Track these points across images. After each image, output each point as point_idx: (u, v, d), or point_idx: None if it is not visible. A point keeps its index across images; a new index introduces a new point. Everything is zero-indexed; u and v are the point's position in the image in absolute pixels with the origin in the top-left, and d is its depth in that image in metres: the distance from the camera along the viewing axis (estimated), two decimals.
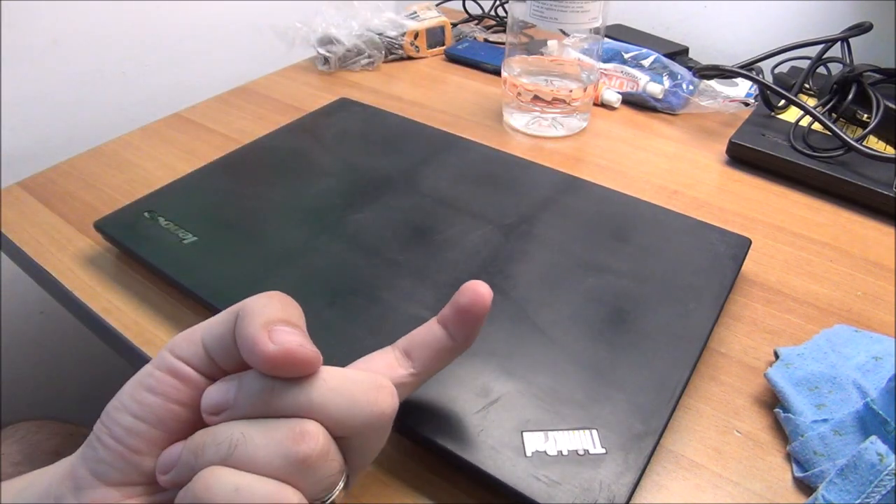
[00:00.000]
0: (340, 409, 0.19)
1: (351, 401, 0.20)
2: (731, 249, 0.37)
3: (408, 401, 0.28)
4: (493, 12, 0.77)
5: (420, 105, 0.59)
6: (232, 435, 0.19)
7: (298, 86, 0.63)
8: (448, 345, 0.23)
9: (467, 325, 0.23)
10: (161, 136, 0.54)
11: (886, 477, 0.24)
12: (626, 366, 0.30)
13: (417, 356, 0.23)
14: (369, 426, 0.20)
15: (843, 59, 0.55)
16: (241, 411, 0.19)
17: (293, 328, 0.19)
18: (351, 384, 0.20)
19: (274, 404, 0.19)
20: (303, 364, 0.19)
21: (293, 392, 0.19)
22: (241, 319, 0.19)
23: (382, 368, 0.23)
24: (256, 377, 0.19)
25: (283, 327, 0.19)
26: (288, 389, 0.19)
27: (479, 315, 0.22)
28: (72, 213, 0.45)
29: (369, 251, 0.37)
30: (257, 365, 0.19)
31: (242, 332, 0.19)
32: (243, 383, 0.20)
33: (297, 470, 0.18)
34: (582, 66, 0.53)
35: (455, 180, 0.43)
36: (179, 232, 0.38)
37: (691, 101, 0.57)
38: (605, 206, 0.41)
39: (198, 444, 0.19)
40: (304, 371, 0.19)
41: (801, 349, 0.32)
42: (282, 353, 0.18)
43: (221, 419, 0.20)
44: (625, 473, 0.25)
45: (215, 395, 0.20)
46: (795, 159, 0.47)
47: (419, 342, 0.23)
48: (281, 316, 0.20)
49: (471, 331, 0.23)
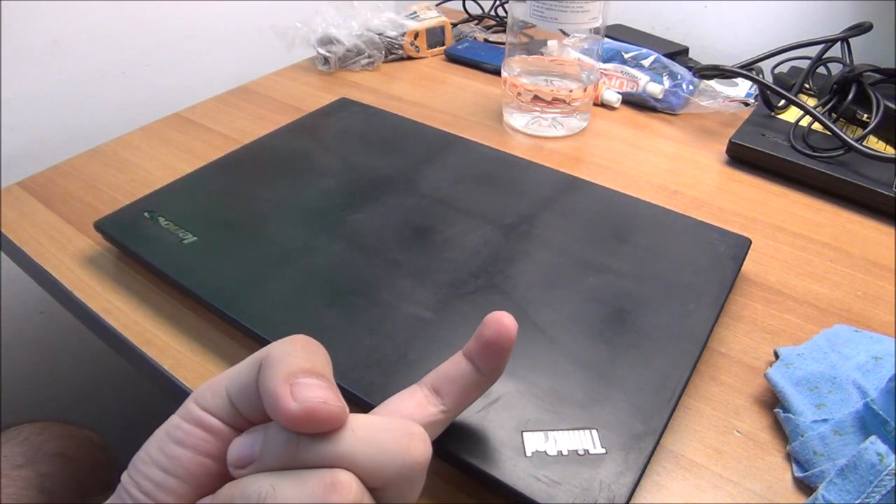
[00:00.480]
0: (371, 460, 0.19)
1: (382, 451, 0.19)
2: (731, 249, 0.37)
3: None
4: (493, 12, 0.77)
5: (420, 105, 0.59)
6: (261, 487, 0.18)
7: (298, 86, 0.63)
8: (476, 379, 0.23)
9: (493, 357, 0.22)
10: (161, 136, 0.54)
11: (886, 477, 0.24)
12: (626, 366, 0.30)
13: (446, 392, 0.23)
14: (402, 476, 0.19)
15: (843, 59, 0.55)
16: (268, 464, 0.19)
17: (318, 380, 0.19)
18: (381, 433, 0.19)
19: (301, 457, 0.18)
20: (326, 421, 0.18)
21: (320, 444, 0.18)
22: (264, 371, 0.19)
23: (413, 408, 0.22)
24: (282, 428, 0.19)
25: (307, 380, 0.18)
26: (315, 441, 0.19)
27: (505, 347, 0.22)
28: (72, 213, 0.45)
29: (369, 251, 0.37)
30: (280, 422, 0.18)
31: (264, 385, 0.19)
32: (269, 435, 0.19)
33: None
34: (582, 66, 0.53)
35: (455, 180, 0.43)
36: (179, 232, 0.38)
37: (691, 101, 0.57)
38: (605, 206, 0.41)
39: (226, 498, 0.19)
40: (329, 427, 0.19)
41: (801, 349, 0.32)
42: (304, 412, 0.18)
43: (248, 472, 0.19)
44: (625, 473, 0.25)
45: (241, 447, 0.19)
46: (795, 159, 0.47)
47: (447, 378, 0.23)
48: (304, 366, 0.19)
49: (497, 363, 0.23)
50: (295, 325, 0.32)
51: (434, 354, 0.30)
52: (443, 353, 0.30)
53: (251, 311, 0.33)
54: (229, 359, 0.33)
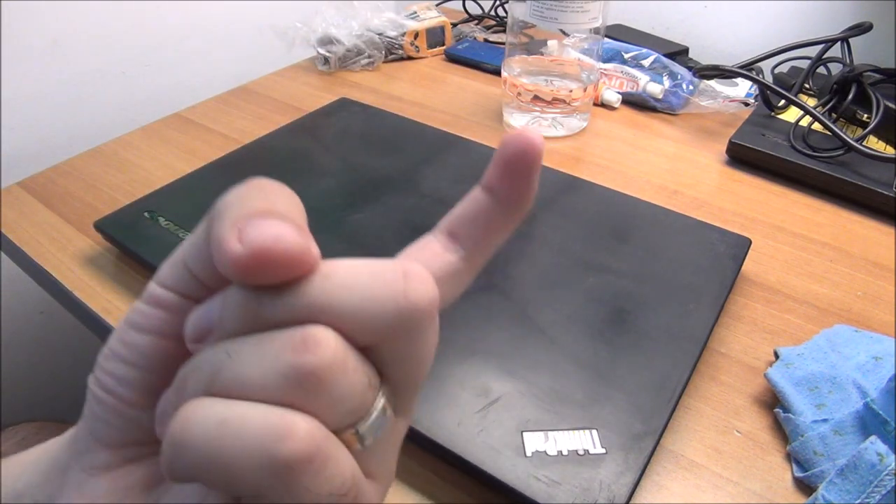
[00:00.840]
0: (354, 309, 0.14)
1: (367, 296, 0.15)
2: (731, 249, 0.37)
3: None
4: (493, 12, 0.77)
5: (420, 105, 0.59)
6: (215, 356, 0.15)
7: (298, 86, 0.63)
8: (498, 212, 0.18)
9: (518, 181, 0.17)
10: (161, 136, 0.54)
11: (886, 477, 0.24)
12: (626, 366, 0.30)
13: (465, 234, 0.18)
14: (400, 326, 0.15)
15: (843, 59, 0.55)
16: (227, 331, 0.15)
17: (275, 220, 0.14)
18: (366, 276, 0.15)
19: (264, 315, 0.15)
20: (284, 264, 0.14)
21: (286, 296, 0.14)
22: (213, 222, 0.15)
23: (428, 259, 0.17)
24: (241, 288, 0.15)
25: (258, 220, 0.14)
26: (280, 294, 0.15)
27: (531, 166, 0.17)
28: (72, 213, 0.45)
29: (369, 251, 0.37)
30: (229, 275, 0.14)
31: (213, 237, 0.15)
32: (226, 298, 0.15)
33: (304, 389, 0.14)
34: (582, 66, 0.53)
35: (455, 180, 0.43)
36: (179, 232, 0.38)
37: (691, 101, 0.57)
38: (605, 206, 0.41)
39: (180, 378, 0.15)
40: (290, 273, 0.14)
41: (801, 349, 0.32)
42: (251, 254, 0.14)
43: (206, 345, 0.16)
44: (625, 473, 0.25)
45: (196, 318, 0.16)
46: (795, 159, 0.47)
47: (463, 217, 0.18)
48: (259, 206, 0.15)
49: (523, 188, 0.17)
50: None
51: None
52: (442, 353, 0.30)
53: None
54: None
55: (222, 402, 0.14)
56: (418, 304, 0.15)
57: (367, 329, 0.15)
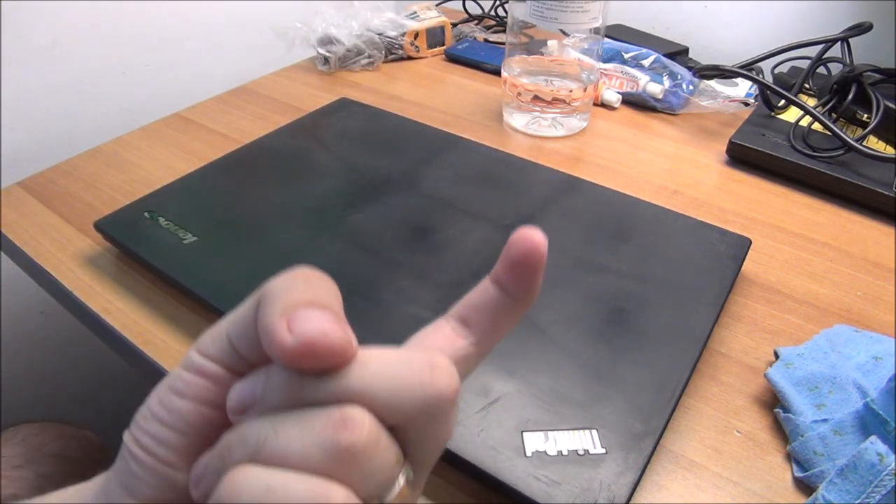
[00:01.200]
0: (386, 395, 0.17)
1: (398, 384, 0.17)
2: (731, 249, 0.37)
3: None
4: (493, 12, 0.77)
5: (420, 105, 0.59)
6: (261, 430, 0.16)
7: (298, 86, 0.63)
8: (507, 305, 0.20)
9: (524, 278, 0.19)
10: (161, 136, 0.54)
11: (886, 477, 0.24)
12: (626, 366, 0.30)
13: (476, 322, 0.20)
14: (425, 412, 0.17)
15: (843, 59, 0.55)
16: (270, 406, 0.17)
17: (320, 311, 0.16)
18: (397, 366, 0.17)
19: (305, 396, 0.16)
20: (329, 355, 0.16)
21: (327, 380, 0.16)
22: (261, 308, 0.17)
23: (440, 343, 0.20)
24: (284, 367, 0.17)
25: (306, 312, 0.16)
26: (321, 378, 0.16)
27: (536, 265, 0.19)
28: (72, 213, 0.45)
29: (369, 251, 0.37)
30: (278, 360, 0.16)
31: (261, 322, 0.17)
32: (270, 375, 0.17)
33: (341, 463, 0.16)
34: (582, 66, 0.53)
35: (455, 180, 0.43)
36: (179, 232, 0.38)
37: (691, 101, 0.57)
38: (605, 206, 0.41)
39: (224, 446, 0.17)
40: (333, 362, 0.16)
41: (801, 349, 0.32)
42: (300, 346, 0.16)
43: (249, 417, 0.17)
44: (625, 473, 0.25)
45: (240, 390, 0.18)
46: (795, 159, 0.47)
47: (474, 307, 0.20)
48: (305, 297, 0.17)
49: (529, 284, 0.20)
50: None
51: None
52: None
53: None
54: None
55: (267, 470, 0.16)
56: (444, 393, 0.17)
57: (398, 412, 0.17)
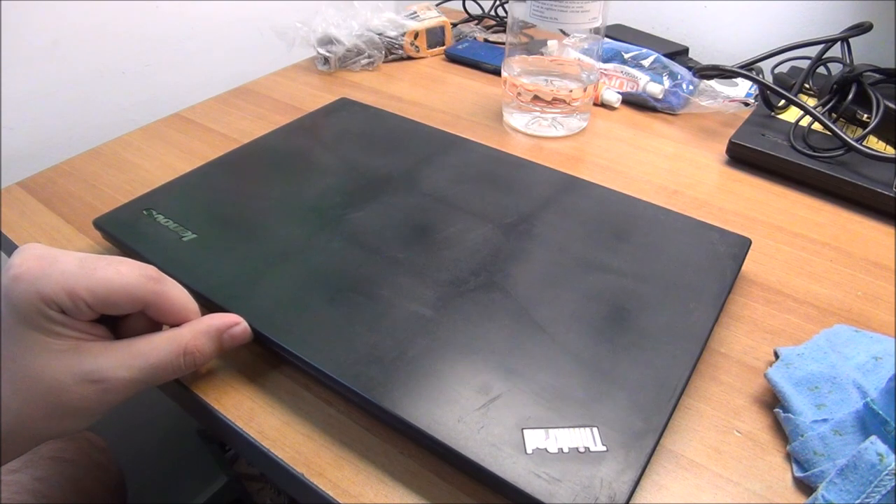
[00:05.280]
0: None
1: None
2: (731, 249, 0.37)
3: (408, 398, 0.28)
4: (493, 12, 0.78)
5: (420, 105, 0.59)
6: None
7: (298, 86, 0.64)
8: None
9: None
10: (161, 136, 0.54)
11: (886, 477, 0.24)
12: (626, 364, 0.30)
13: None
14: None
15: (843, 59, 0.55)
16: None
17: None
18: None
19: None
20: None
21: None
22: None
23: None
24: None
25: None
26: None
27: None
28: (72, 212, 0.45)
29: (369, 249, 0.37)
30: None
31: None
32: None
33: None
34: (582, 66, 0.53)
35: (455, 180, 0.43)
36: (179, 229, 0.38)
37: (691, 101, 0.57)
38: (605, 206, 0.41)
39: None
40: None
41: (801, 349, 0.32)
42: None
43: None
44: (626, 471, 0.25)
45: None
46: (795, 159, 0.47)
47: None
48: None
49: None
50: (295, 321, 0.32)
51: (434, 352, 0.30)
52: (442, 351, 0.30)
53: (251, 308, 0.32)
54: (229, 357, 0.33)
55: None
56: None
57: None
